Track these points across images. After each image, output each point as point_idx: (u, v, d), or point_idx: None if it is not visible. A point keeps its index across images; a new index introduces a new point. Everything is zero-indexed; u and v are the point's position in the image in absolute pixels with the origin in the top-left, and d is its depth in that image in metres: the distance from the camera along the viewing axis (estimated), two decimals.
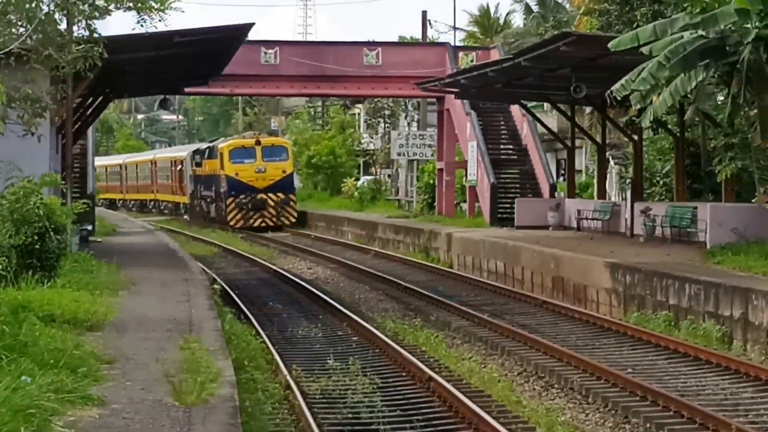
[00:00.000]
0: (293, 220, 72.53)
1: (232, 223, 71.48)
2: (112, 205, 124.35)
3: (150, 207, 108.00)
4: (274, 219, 71.05)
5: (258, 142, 71.24)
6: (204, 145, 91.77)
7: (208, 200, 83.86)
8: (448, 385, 28.40)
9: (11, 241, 35.63)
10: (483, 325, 40.37)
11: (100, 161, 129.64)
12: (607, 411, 27.09)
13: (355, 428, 25.45)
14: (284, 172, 71.72)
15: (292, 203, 72.88)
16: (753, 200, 46.26)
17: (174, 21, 51.66)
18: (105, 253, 50.87)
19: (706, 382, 29.53)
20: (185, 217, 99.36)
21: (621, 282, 43.24)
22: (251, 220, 70.83)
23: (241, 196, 69.26)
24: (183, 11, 45.97)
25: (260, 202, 70.20)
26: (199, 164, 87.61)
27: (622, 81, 44.80)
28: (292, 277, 58.51)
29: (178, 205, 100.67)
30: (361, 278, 56.73)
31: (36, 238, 36.50)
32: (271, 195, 71.23)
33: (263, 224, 71.38)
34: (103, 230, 71.70)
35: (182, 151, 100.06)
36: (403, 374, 31.35)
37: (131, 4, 48.09)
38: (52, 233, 37.48)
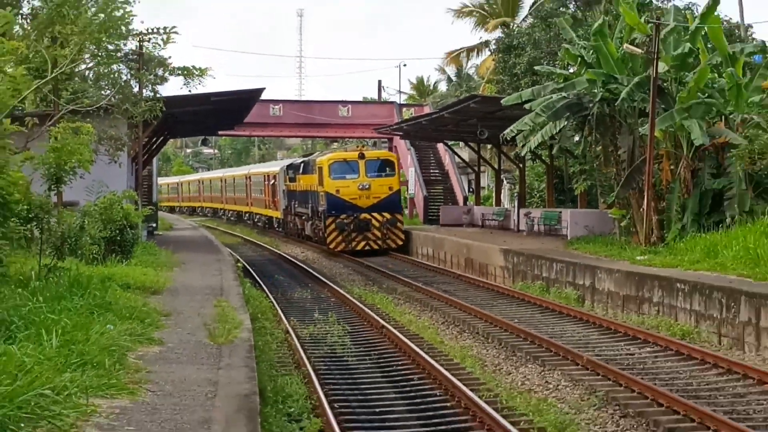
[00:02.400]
0: (400, 243, 53.68)
1: (332, 246, 53.27)
2: (215, 213, 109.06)
3: (245, 219, 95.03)
4: (379, 242, 52.66)
5: (362, 156, 53.55)
6: (298, 160, 72.90)
7: (303, 217, 64.13)
8: (395, 331, 28.83)
9: (101, 234, 35.86)
10: (418, 291, 40.50)
11: (206, 175, 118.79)
12: (500, 348, 27.30)
13: (333, 359, 25.73)
14: (391, 189, 53.69)
15: (399, 224, 54.21)
16: (598, 208, 46.58)
17: (209, 84, 51.84)
18: (164, 243, 50.99)
19: (567, 328, 29.76)
20: (279, 230, 79.97)
21: (510, 261, 43.44)
22: (353, 243, 52.34)
23: (342, 216, 51.54)
24: (215, 77, 46.66)
25: (364, 223, 51.72)
26: (292, 179, 67.97)
27: (511, 126, 45.23)
28: (290, 258, 58.51)
29: (271, 219, 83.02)
30: (335, 259, 56.75)
31: (118, 232, 36.94)
32: (376, 215, 52.38)
33: (367, 248, 52.77)
34: (163, 227, 71.26)
35: (275, 166, 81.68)
36: (365, 323, 31.79)
37: (181, 73, 48.48)
38: (128, 229, 37.87)
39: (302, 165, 64.20)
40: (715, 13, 41.61)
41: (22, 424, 12.17)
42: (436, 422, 18.93)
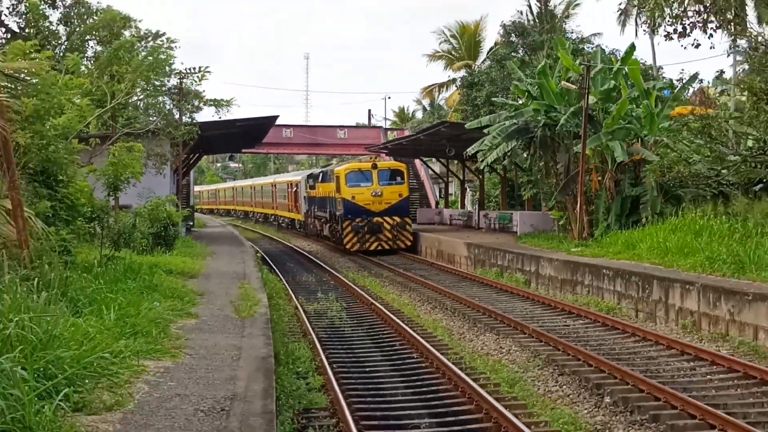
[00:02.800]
0: (409, 243, 50.99)
1: (348, 246, 50.34)
2: (246, 215, 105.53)
3: (271, 220, 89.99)
4: (390, 243, 49.96)
5: (375, 166, 51.16)
6: (318, 170, 68.34)
7: (322, 220, 61.08)
8: (381, 307, 28.89)
9: (149, 230, 35.94)
10: (400, 275, 40.40)
11: (238, 183, 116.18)
12: (464, 320, 27.20)
13: (332, 329, 25.75)
14: (400, 195, 50.92)
15: (408, 227, 51.19)
16: (541, 210, 46.57)
17: (235, 112, 51.95)
18: (199, 237, 50.94)
19: (516, 305, 29.70)
20: (300, 230, 75.95)
21: (473, 252, 43.35)
22: (367, 244, 49.81)
23: (357, 220, 49.15)
24: (239, 107, 47.04)
25: (377, 226, 49.41)
26: (312, 187, 64.52)
27: (473, 146, 45.21)
28: (299, 249, 58.40)
29: (293, 221, 78.30)
30: (334, 250, 56.64)
31: (162, 228, 37.02)
32: (387, 218, 49.97)
33: (379, 248, 50.08)
34: (198, 225, 71.12)
35: (298, 176, 76.48)
36: (358, 301, 31.69)
37: (213, 104, 48.45)
38: (170, 226, 37.90)
39: (321, 174, 60.85)
40: (633, 57, 41.69)
41: (87, 381, 12.18)
42: (414, 379, 18.95)
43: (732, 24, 31.43)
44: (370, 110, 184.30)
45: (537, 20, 67.79)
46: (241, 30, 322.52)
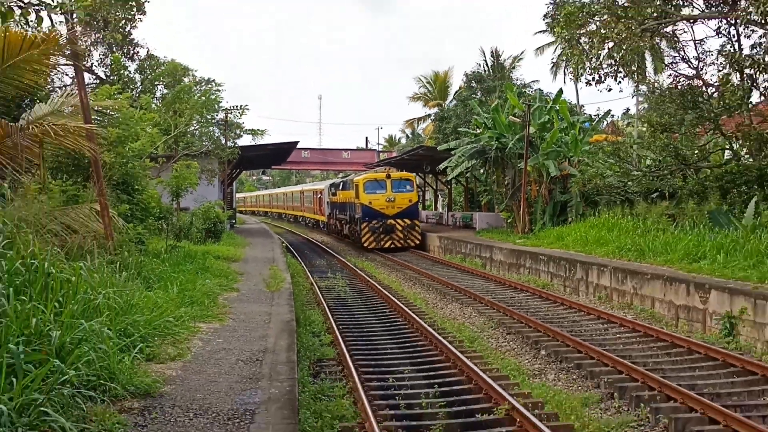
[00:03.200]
0: (417, 242, 47.41)
1: (365, 244, 46.83)
2: (280, 216, 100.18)
3: (300, 221, 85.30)
4: (402, 241, 46.73)
5: (388, 176, 48.05)
6: (338, 180, 63.85)
7: (342, 221, 57.07)
8: (375, 284, 28.78)
9: (202, 226, 35.97)
10: (389, 260, 40.28)
11: (275, 190, 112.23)
12: (437, 293, 27.11)
13: (339, 300, 25.64)
14: (410, 201, 47.31)
15: (417, 228, 47.44)
16: (494, 211, 46.64)
17: (266, 138, 51.81)
18: (240, 232, 50.87)
19: (475, 282, 29.67)
20: (324, 229, 69.70)
21: (443, 243, 43.31)
22: (382, 242, 46.64)
23: (374, 221, 46.22)
24: (270, 135, 47.12)
25: (390, 227, 46.48)
26: (334, 194, 60.73)
27: (443, 164, 45.36)
28: (314, 240, 58.25)
29: (317, 222, 73.67)
30: (340, 241, 56.45)
31: (212, 224, 37.12)
32: (399, 220, 46.68)
33: (392, 245, 46.79)
34: (239, 222, 71.02)
35: (321, 185, 72.22)
36: (358, 280, 31.51)
37: (250, 132, 48.36)
38: (218, 223, 37.89)
39: (342, 184, 56.84)
40: (562, 98, 41.81)
41: (156, 338, 12.26)
42: (399, 336, 18.95)
43: (635, 73, 31.47)
44: (366, 137, 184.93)
45: (491, 70, 67.81)
46: (271, 76, 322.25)
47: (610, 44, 28.81)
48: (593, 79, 29.82)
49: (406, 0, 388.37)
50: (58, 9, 6.89)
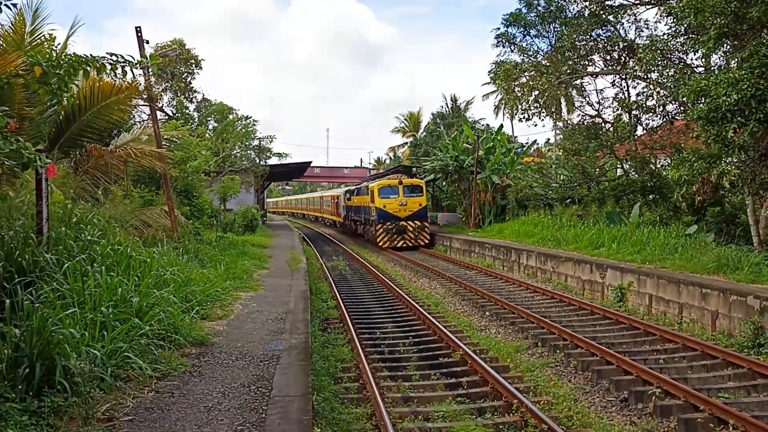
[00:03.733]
0: (427, 242, 40.08)
1: (380, 244, 40.01)
2: (303, 216, 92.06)
3: (319, 220, 77.90)
4: (412, 241, 39.61)
5: (401, 182, 41.39)
6: (353, 187, 54.87)
7: (356, 222, 49.57)
8: (368, 264, 28.68)
9: (242, 222, 35.68)
10: (377, 248, 40.03)
11: (300, 196, 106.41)
12: (411, 271, 26.97)
13: (341, 276, 25.51)
14: (420, 204, 40.47)
15: (426, 229, 40.05)
16: (455, 212, 46.48)
17: (288, 158, 51.59)
18: (269, 227, 50.56)
19: (439, 263, 29.58)
20: (339, 228, 60.80)
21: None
22: (395, 242, 39.54)
23: (387, 223, 39.69)
24: (291, 156, 46.88)
25: (402, 228, 39.60)
26: (349, 199, 52.80)
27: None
28: (323, 233, 57.94)
29: (334, 221, 64.40)
30: (343, 233, 56.12)
31: (249, 221, 36.69)
32: (410, 222, 39.73)
33: (404, 245, 39.36)
34: (270, 220, 70.64)
35: (338, 191, 64.00)
36: (355, 263, 31.27)
37: (277, 155, 48.08)
38: (254, 220, 37.61)
39: (356, 190, 49.63)
40: (502, 131, 41.93)
41: (208, 303, 12.22)
42: (384, 301, 18.93)
43: (554, 114, 31.63)
44: (361, 158, 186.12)
45: (451, 110, 67.95)
46: (294, 113, 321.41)
47: (536, 92, 28.93)
48: (524, 117, 29.95)
49: (392, 60, 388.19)
50: (137, 65, 6.90)
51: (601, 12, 26.11)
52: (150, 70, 18.01)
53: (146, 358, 8.00)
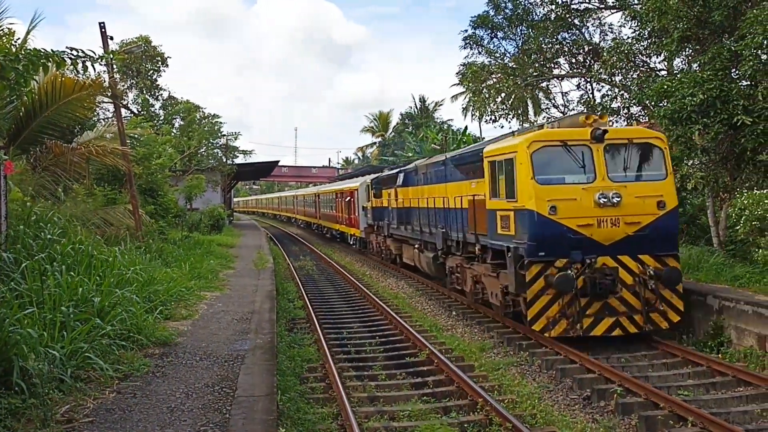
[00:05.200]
0: (676, 320, 11.75)
1: (538, 328, 11.57)
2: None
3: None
4: (636, 321, 11.63)
5: (598, 135, 11.26)
6: (398, 168, 27.39)
7: (416, 246, 20.87)
8: (335, 263, 28.59)
9: (208, 221, 35.37)
10: (345, 248, 40.02)
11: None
12: (379, 270, 26.90)
13: (308, 276, 25.42)
14: (661, 205, 11.54)
15: (676, 285, 11.67)
16: None
17: (255, 157, 51.16)
18: (236, 226, 50.14)
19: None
20: (354, 245, 39.08)
21: None
22: (586, 321, 11.48)
23: (557, 261, 11.39)
24: (257, 154, 46.52)
25: (606, 279, 11.37)
26: (378, 194, 27.61)
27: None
28: (291, 233, 57.57)
29: (344, 234, 47.68)
30: (310, 233, 55.89)
31: (216, 220, 36.41)
32: (628, 260, 11.46)
33: (614, 333, 11.53)
34: (236, 219, 69.89)
35: (354, 183, 38.04)
36: (322, 262, 31.18)
37: (242, 153, 47.78)
38: (220, 219, 37.33)
39: (414, 170, 21.51)
40: (468, 132, 42.23)
41: (172, 303, 12.11)
42: (351, 301, 18.91)
43: (520, 116, 31.93)
44: (330, 158, 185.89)
45: (420, 111, 68.31)
46: (262, 113, 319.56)
47: (503, 94, 29.21)
48: (492, 119, 30.20)
49: (362, 59, 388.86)
50: (99, 60, 6.80)
51: (567, 15, 26.44)
52: (114, 66, 17.76)
53: (108, 359, 7.91)
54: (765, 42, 14.57)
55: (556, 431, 8.42)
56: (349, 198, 34.72)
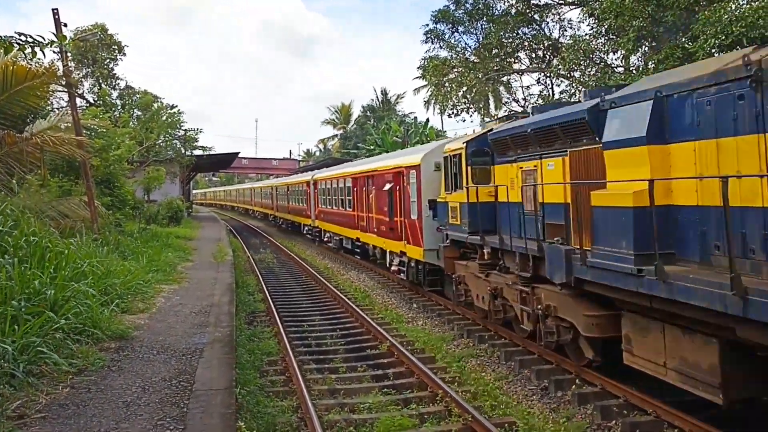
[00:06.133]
0: None
1: None
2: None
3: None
4: None
5: None
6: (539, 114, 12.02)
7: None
8: (296, 257, 28.43)
9: (167, 213, 34.83)
10: (307, 240, 39.90)
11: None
12: (341, 264, 26.78)
13: (268, 269, 25.23)
14: None
15: None
16: None
17: (215, 149, 50.39)
18: (195, 218, 49.52)
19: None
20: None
21: None
22: None
23: None
24: (215, 148, 45.85)
25: None
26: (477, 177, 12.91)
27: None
28: (251, 225, 57.01)
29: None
30: (269, 225, 55.38)
31: (174, 212, 35.87)
32: None
33: None
34: (195, 211, 68.88)
35: (396, 159, 20.39)
36: (282, 254, 30.95)
37: (201, 148, 47.10)
38: (179, 211, 36.78)
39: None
40: (430, 125, 42.35)
41: (129, 296, 11.91)
42: (311, 293, 18.85)
43: (482, 109, 32.21)
44: (291, 150, 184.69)
45: (381, 104, 68.26)
46: (223, 103, 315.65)
47: (464, 88, 29.36)
48: (453, 113, 30.35)
49: (323, 51, 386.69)
50: (49, 45, 6.59)
51: (527, 10, 26.72)
52: (68, 54, 17.31)
53: (62, 353, 7.72)
54: (716, 43, 14.92)
55: (515, 421, 8.51)
56: (392, 184, 18.99)
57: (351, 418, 8.70)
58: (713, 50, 14.90)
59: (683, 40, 16.86)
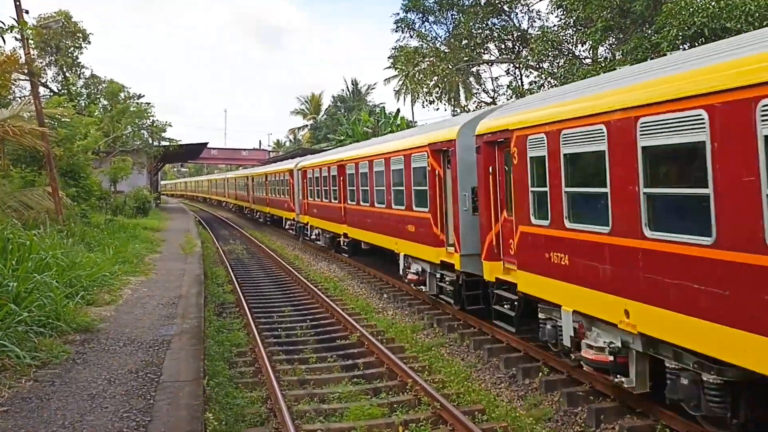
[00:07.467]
0: None
1: None
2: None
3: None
4: None
5: None
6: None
7: None
8: (266, 248, 28.26)
9: (134, 204, 34.40)
10: (277, 230, 39.63)
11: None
12: (311, 255, 26.76)
13: (238, 260, 25.08)
14: None
15: None
16: None
17: (183, 140, 49.83)
18: (163, 209, 49.02)
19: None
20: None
21: None
22: None
23: None
24: (181, 140, 45.22)
25: None
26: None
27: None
28: (221, 217, 56.47)
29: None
30: (241, 216, 54.90)
31: (142, 203, 35.47)
32: None
33: None
34: (163, 202, 68.15)
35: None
36: (252, 246, 30.72)
37: (169, 141, 46.48)
38: (146, 202, 36.37)
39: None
40: (401, 115, 42.37)
41: (95, 288, 11.77)
42: (282, 285, 18.79)
43: (452, 99, 32.31)
44: (260, 140, 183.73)
45: (352, 94, 68.08)
46: (191, 93, 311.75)
47: (435, 78, 29.42)
48: (426, 102, 30.42)
49: (293, 41, 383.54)
50: (9, 31, 6.46)
51: (496, 1, 26.81)
52: (31, 41, 16.94)
53: (24, 346, 7.61)
54: (680, 34, 15.15)
55: (484, 408, 8.60)
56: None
57: (321, 408, 8.71)
58: (677, 42, 15.13)
59: (650, 31, 17.09)
